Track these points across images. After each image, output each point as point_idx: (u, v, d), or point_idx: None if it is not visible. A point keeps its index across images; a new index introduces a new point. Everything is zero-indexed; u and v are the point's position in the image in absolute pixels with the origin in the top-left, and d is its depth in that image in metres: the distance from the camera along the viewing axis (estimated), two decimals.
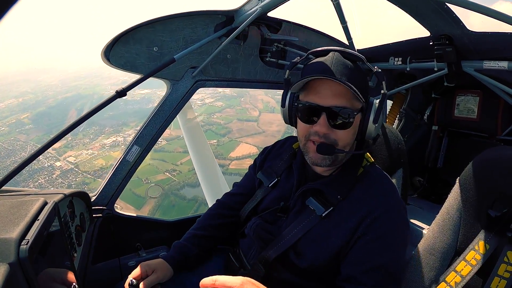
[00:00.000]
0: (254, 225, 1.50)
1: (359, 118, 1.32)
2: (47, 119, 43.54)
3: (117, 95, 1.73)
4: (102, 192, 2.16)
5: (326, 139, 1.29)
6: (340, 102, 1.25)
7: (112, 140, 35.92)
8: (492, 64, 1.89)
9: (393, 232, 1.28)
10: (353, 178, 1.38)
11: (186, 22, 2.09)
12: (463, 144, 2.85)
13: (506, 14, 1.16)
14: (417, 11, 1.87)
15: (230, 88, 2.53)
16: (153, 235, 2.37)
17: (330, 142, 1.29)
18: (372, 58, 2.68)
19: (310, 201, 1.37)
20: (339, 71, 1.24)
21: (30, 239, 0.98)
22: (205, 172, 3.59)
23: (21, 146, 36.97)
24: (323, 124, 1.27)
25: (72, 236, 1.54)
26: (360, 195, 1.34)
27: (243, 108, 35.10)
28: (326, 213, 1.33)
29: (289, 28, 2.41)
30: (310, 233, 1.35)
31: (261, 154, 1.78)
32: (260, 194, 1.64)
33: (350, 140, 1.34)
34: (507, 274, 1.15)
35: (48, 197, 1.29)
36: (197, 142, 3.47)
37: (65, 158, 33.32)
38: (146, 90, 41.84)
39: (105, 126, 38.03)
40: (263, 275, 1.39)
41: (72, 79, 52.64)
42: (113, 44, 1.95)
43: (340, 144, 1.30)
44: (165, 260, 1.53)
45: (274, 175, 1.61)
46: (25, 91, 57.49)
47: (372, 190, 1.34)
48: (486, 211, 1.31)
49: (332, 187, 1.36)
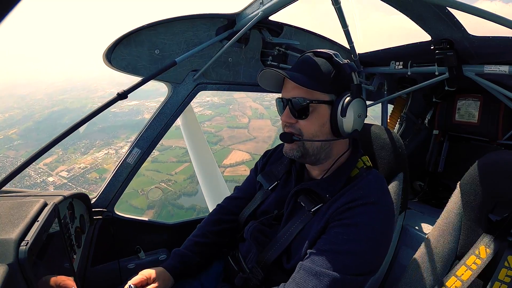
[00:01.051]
0: (251, 228, 1.51)
1: (325, 110, 1.33)
2: (36, 134, 42.76)
3: (118, 98, 1.73)
4: (102, 194, 2.16)
5: (292, 129, 1.37)
6: (298, 93, 1.33)
7: (104, 153, 35.55)
8: (493, 68, 1.89)
9: (365, 226, 1.23)
10: (344, 178, 1.38)
11: (188, 25, 2.10)
12: (463, 148, 2.85)
13: (506, 18, 1.16)
14: (418, 15, 1.87)
15: (231, 91, 2.51)
16: (153, 237, 2.37)
17: (296, 132, 1.37)
18: (373, 62, 2.68)
19: (301, 199, 1.39)
20: (299, 68, 1.36)
21: (29, 240, 0.98)
22: (206, 175, 3.58)
23: (12, 162, 35.98)
24: (286, 114, 1.37)
25: (71, 238, 1.54)
26: (347, 191, 1.33)
27: (232, 115, 35.12)
28: (315, 208, 1.34)
29: (290, 32, 2.42)
30: (303, 231, 1.35)
31: (262, 157, 1.80)
32: (259, 198, 1.65)
33: (315, 131, 1.35)
34: (507, 278, 1.15)
35: (48, 199, 1.29)
36: (198, 145, 3.46)
37: (57, 173, 32.90)
38: (134, 101, 41.70)
39: (96, 139, 37.57)
40: (262, 278, 1.40)
41: (58, 92, 51.47)
42: (115, 46, 1.95)
43: (305, 134, 1.36)
44: (166, 269, 1.52)
45: (274, 178, 1.63)
46: (11, 106, 56.65)
47: (357, 186, 1.33)
48: (486, 215, 1.30)
49: (323, 187, 1.37)
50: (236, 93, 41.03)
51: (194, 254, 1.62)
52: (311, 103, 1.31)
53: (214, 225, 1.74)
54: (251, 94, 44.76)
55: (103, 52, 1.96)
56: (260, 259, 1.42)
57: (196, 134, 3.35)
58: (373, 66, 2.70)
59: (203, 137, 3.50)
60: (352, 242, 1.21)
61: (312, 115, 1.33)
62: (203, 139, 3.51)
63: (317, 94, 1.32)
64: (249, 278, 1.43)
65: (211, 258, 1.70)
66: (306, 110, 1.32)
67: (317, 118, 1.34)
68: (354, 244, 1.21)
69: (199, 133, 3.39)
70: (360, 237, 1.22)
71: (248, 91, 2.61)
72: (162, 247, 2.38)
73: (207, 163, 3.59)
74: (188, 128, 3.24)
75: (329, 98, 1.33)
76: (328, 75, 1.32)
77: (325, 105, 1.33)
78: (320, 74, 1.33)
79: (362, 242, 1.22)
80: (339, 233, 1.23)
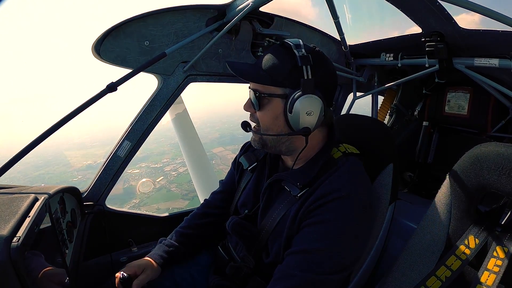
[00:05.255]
0: (231, 223, 1.52)
1: (279, 104, 1.31)
2: None
3: (108, 90, 1.70)
4: (93, 188, 2.14)
5: (252, 118, 1.42)
6: (254, 86, 1.36)
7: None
8: (483, 61, 1.91)
9: (336, 222, 1.21)
10: (317, 168, 1.36)
11: (177, 17, 2.07)
12: (453, 140, 2.89)
13: (496, 12, 1.17)
14: (409, 7, 1.88)
15: (222, 83, 2.49)
16: (145, 230, 2.36)
17: (255, 122, 1.41)
18: (363, 54, 2.69)
19: (285, 183, 1.40)
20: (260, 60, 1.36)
21: (21, 236, 0.96)
22: (196, 167, 3.58)
23: None
24: (246, 103, 1.41)
25: (63, 233, 1.53)
26: (322, 180, 1.32)
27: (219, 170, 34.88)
28: (301, 193, 1.33)
29: (281, 23, 2.40)
30: (285, 215, 1.36)
31: (241, 149, 1.81)
32: (242, 184, 1.68)
33: (269, 124, 1.35)
34: (496, 268, 1.17)
35: (39, 194, 1.27)
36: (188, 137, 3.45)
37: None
38: None
39: None
40: (253, 266, 1.42)
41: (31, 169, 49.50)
42: (104, 38, 1.92)
43: (262, 125, 1.38)
44: (152, 259, 1.57)
45: (254, 159, 1.65)
46: None
47: (333, 176, 1.32)
48: (475, 206, 1.33)
49: (295, 177, 1.37)
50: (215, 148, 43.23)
51: (180, 244, 1.67)
52: (262, 95, 1.32)
53: (200, 218, 1.79)
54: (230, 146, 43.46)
55: (92, 44, 1.93)
56: (250, 249, 1.44)
57: (186, 125, 3.34)
58: (364, 58, 2.70)
59: (193, 129, 3.48)
60: (321, 240, 1.20)
61: (265, 107, 1.33)
62: (193, 130, 3.49)
63: (271, 88, 1.31)
64: (240, 267, 1.45)
65: (196, 249, 1.75)
66: (260, 102, 1.34)
67: (270, 110, 1.33)
68: (324, 242, 1.20)
69: (189, 124, 3.38)
70: (330, 234, 1.21)
71: (238, 82, 2.60)
72: (154, 239, 2.37)
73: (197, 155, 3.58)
74: (178, 121, 3.22)
75: (282, 92, 1.29)
76: (283, 68, 1.28)
77: (278, 99, 1.30)
78: (274, 67, 1.29)
79: (333, 239, 1.21)
80: (309, 232, 1.24)
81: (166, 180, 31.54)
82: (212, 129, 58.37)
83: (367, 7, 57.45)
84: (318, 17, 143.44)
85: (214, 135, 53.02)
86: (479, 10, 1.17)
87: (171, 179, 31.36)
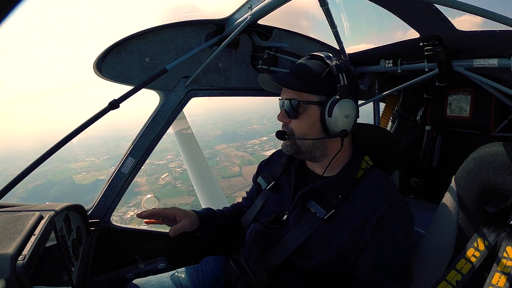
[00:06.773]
0: (254, 231, 1.48)
1: (315, 110, 1.39)
2: None
3: (110, 107, 1.72)
4: (98, 205, 2.14)
5: (286, 128, 1.46)
6: (290, 95, 1.41)
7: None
8: (482, 62, 1.91)
9: (400, 227, 1.30)
10: (352, 177, 1.40)
11: (177, 32, 2.10)
12: (457, 142, 2.87)
13: (492, 12, 1.18)
14: (405, 12, 1.89)
15: (223, 96, 2.51)
16: (150, 246, 2.35)
17: (288, 130, 1.45)
18: (363, 62, 2.69)
19: (312, 204, 1.39)
20: (292, 71, 1.47)
21: (26, 254, 0.96)
22: (200, 181, 3.58)
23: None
24: (280, 114, 1.46)
25: (69, 250, 1.53)
26: (361, 194, 1.36)
27: (222, 166, 35.00)
28: (328, 215, 1.34)
29: (280, 35, 2.42)
30: (313, 236, 1.35)
31: (258, 169, 1.85)
32: (260, 201, 1.67)
33: (305, 130, 1.41)
34: (507, 269, 1.16)
35: (44, 212, 1.27)
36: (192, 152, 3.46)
37: None
38: None
39: None
40: (266, 282, 1.38)
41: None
42: (105, 55, 1.95)
43: (296, 133, 1.43)
44: (195, 212, 1.68)
45: (271, 178, 1.66)
46: None
47: (372, 189, 1.37)
48: (483, 207, 1.31)
49: (332, 187, 1.39)
50: (218, 145, 43.10)
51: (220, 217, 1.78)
52: (300, 104, 1.37)
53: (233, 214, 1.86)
54: (232, 144, 42.44)
55: (93, 62, 1.95)
56: (265, 263, 1.40)
57: (189, 140, 3.35)
58: (363, 66, 2.71)
59: (196, 144, 3.49)
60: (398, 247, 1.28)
61: (302, 115, 1.40)
62: (197, 145, 3.50)
63: (306, 96, 1.38)
64: (252, 281, 1.42)
65: (222, 237, 1.83)
66: (297, 110, 1.38)
67: (307, 118, 1.40)
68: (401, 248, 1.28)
69: (192, 139, 3.38)
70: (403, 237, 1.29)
71: (240, 95, 2.61)
72: (160, 255, 2.36)
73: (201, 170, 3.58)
74: (181, 135, 3.23)
75: (318, 99, 1.37)
76: (318, 77, 1.37)
77: (315, 106, 1.38)
78: (309, 76, 1.38)
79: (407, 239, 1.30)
80: (387, 246, 1.27)
81: (171, 176, 31.62)
82: (214, 126, 58.60)
83: (364, 14, 58.09)
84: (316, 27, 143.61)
85: (216, 132, 53.26)
86: (474, 11, 1.17)
87: (176, 176, 31.37)
